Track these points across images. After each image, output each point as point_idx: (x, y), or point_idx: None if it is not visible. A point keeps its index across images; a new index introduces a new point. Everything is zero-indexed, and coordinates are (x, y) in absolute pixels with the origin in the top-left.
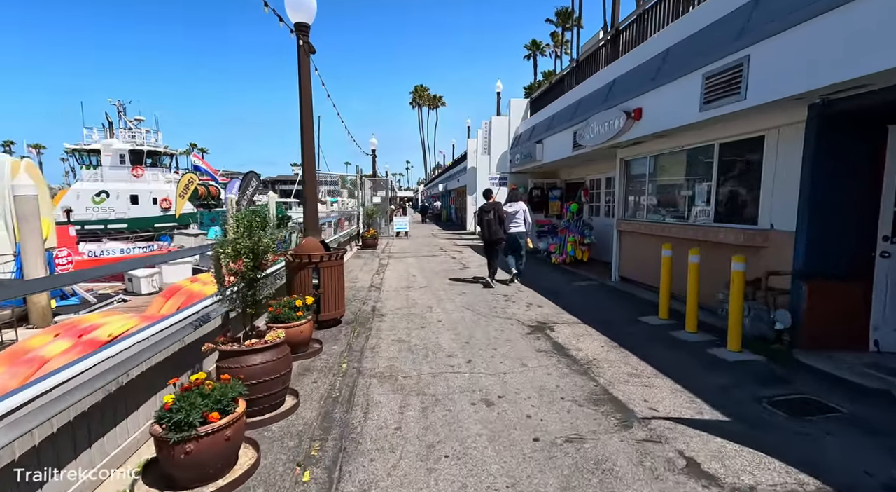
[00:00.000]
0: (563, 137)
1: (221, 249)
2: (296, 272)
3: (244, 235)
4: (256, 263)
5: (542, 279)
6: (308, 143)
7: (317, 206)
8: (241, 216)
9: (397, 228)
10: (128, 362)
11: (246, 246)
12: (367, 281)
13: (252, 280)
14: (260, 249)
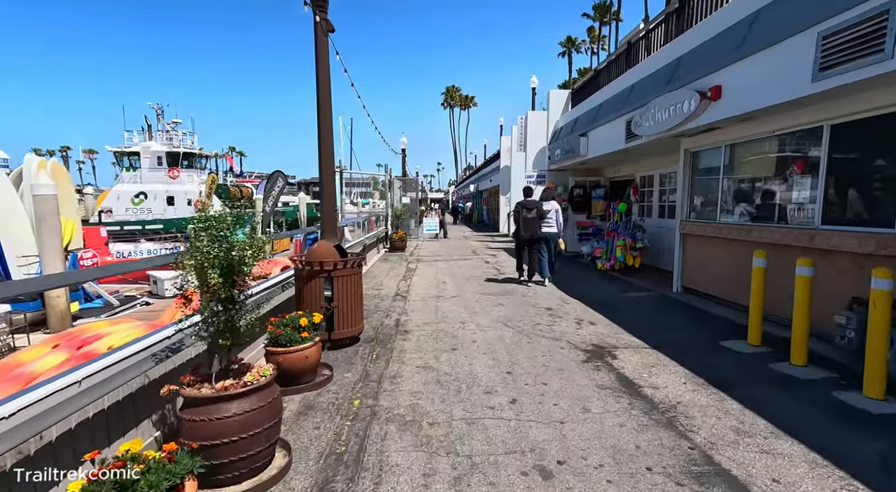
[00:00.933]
0: (612, 128)
1: (184, 260)
2: (305, 282)
3: (212, 243)
4: (230, 280)
5: (589, 289)
6: (326, 134)
7: (334, 205)
8: (205, 217)
9: (427, 229)
10: (43, 418)
11: (213, 257)
12: (392, 288)
13: (227, 302)
14: (234, 262)
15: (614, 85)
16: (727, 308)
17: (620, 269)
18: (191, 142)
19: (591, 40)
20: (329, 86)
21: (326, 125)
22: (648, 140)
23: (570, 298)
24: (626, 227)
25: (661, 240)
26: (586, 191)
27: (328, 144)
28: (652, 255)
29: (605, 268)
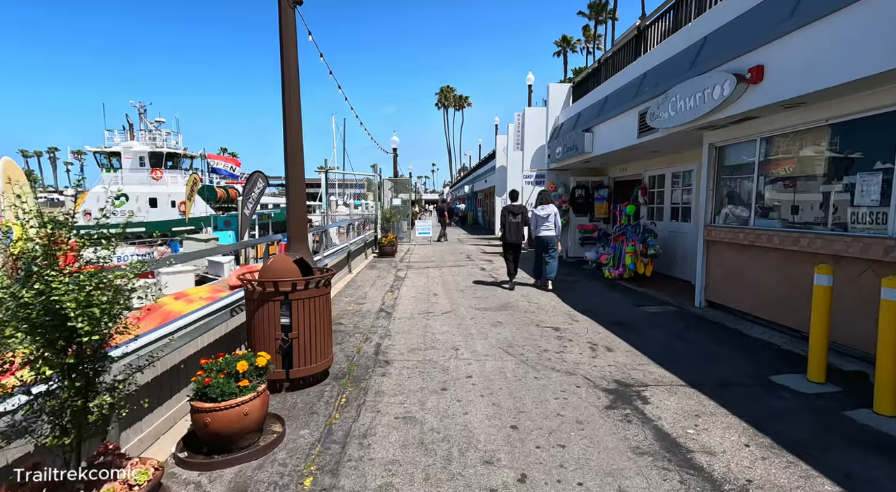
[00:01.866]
0: (621, 122)
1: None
2: (257, 308)
3: (25, 282)
4: (58, 347)
5: (599, 302)
6: (292, 122)
7: (303, 208)
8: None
9: (419, 232)
10: None
11: (15, 308)
12: (376, 302)
13: (71, 372)
14: (72, 312)
15: (623, 75)
16: (766, 329)
17: (630, 277)
18: (175, 142)
19: (586, 39)
20: (296, 66)
21: (293, 112)
22: (668, 134)
23: (579, 314)
24: (635, 231)
25: (675, 245)
26: (589, 192)
27: (295, 134)
28: (664, 262)
29: (613, 276)
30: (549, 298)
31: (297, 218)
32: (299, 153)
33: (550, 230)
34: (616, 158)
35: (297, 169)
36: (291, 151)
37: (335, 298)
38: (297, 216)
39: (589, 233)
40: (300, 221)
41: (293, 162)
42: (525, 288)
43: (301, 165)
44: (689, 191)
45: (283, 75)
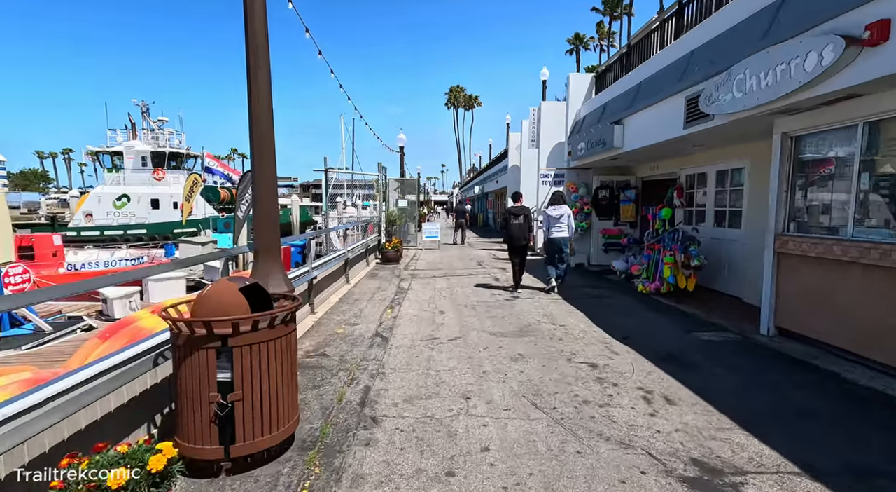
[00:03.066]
0: (661, 111)
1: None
2: (184, 358)
3: None
4: None
5: (638, 326)
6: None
7: (274, 211)
8: None
9: (426, 236)
10: None
11: None
12: (372, 322)
13: None
14: None
15: (661, 56)
16: (873, 372)
17: (669, 292)
18: (178, 141)
19: (600, 37)
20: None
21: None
22: (728, 121)
23: (616, 342)
24: (673, 238)
25: (719, 255)
26: (613, 193)
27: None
28: (706, 274)
29: (647, 291)
30: (577, 319)
31: (264, 224)
32: (269, 142)
33: (563, 231)
34: (649, 155)
35: (265, 161)
36: (259, 139)
37: (326, 317)
38: (266, 221)
39: (614, 238)
40: (269, 227)
41: (260, 150)
42: (541, 299)
43: (271, 157)
44: (738, 192)
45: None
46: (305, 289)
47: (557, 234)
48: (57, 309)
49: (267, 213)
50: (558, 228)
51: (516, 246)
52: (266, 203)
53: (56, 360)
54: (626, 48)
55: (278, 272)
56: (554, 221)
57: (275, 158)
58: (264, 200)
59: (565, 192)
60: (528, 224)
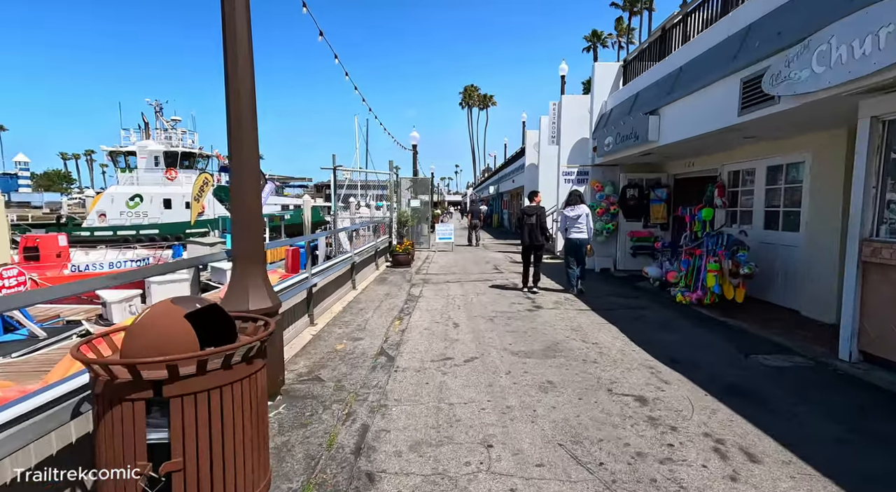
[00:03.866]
0: (709, 97)
1: None
2: (104, 412)
3: None
4: None
5: (685, 345)
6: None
7: (256, 207)
8: None
9: (440, 238)
10: None
11: None
12: (378, 336)
13: None
14: None
15: (709, 35)
16: None
17: (713, 303)
18: (191, 141)
19: (618, 33)
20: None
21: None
22: (800, 104)
23: (663, 366)
24: (718, 242)
25: (772, 261)
26: (643, 192)
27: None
28: (756, 283)
29: (688, 301)
30: (611, 336)
31: (244, 225)
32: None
33: (582, 232)
34: (687, 149)
35: (245, 149)
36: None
37: (327, 329)
38: (245, 222)
39: (644, 241)
40: (249, 229)
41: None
42: (566, 310)
43: (252, 144)
44: (795, 190)
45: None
46: (304, 298)
47: (576, 235)
48: (55, 313)
49: (246, 212)
50: (577, 229)
51: (527, 246)
52: (246, 200)
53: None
54: (661, 31)
55: (260, 284)
56: (572, 221)
57: (256, 145)
58: (244, 196)
59: (590, 190)
60: (542, 224)
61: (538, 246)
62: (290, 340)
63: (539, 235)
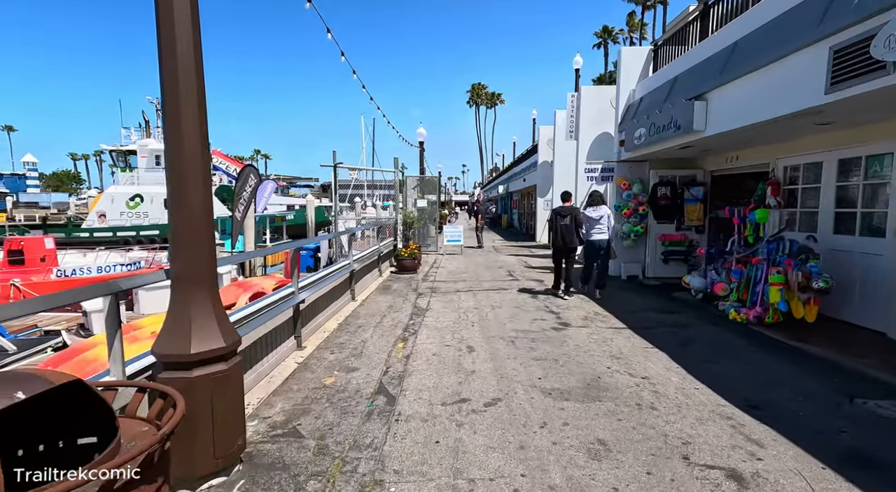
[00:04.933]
0: (783, 73)
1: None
2: None
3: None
4: None
5: (760, 382)
6: (176, 34)
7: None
8: None
9: (448, 240)
10: None
11: None
12: (375, 367)
13: None
14: None
15: (769, 3)
16: None
17: (776, 322)
18: None
19: (630, 28)
20: None
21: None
22: None
23: (743, 414)
24: (780, 250)
25: (849, 272)
26: (675, 190)
27: (180, 44)
28: (827, 298)
29: (743, 319)
30: (662, 366)
31: (185, 235)
32: (192, 94)
33: (603, 233)
34: (736, 140)
35: (185, 132)
36: (172, 89)
37: (316, 354)
38: (187, 231)
39: (677, 246)
40: (192, 241)
41: (175, 108)
42: (599, 327)
43: (197, 124)
44: (878, 187)
45: None
46: (290, 317)
47: (597, 236)
48: (32, 323)
49: (189, 217)
50: (598, 231)
51: (560, 248)
52: (187, 201)
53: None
54: (702, 6)
55: (208, 314)
56: (594, 222)
57: (203, 126)
58: (185, 196)
59: (615, 189)
60: (577, 225)
61: (572, 249)
62: (267, 373)
63: (574, 238)
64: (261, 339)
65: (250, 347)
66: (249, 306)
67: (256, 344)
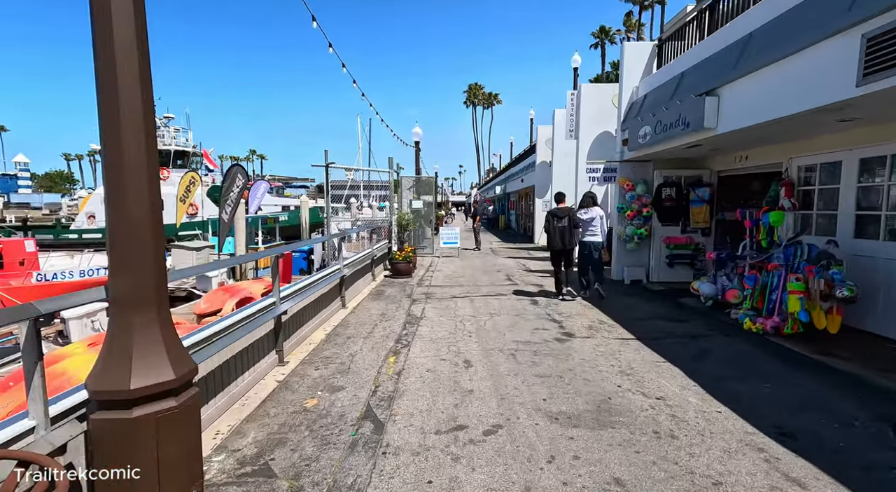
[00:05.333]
0: (807, 65)
1: None
2: None
3: None
4: None
5: (789, 402)
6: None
7: (145, 220)
8: None
9: (444, 242)
10: None
11: None
12: (363, 386)
13: None
14: None
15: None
16: None
17: (796, 333)
18: (185, 139)
19: (627, 29)
20: None
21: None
22: None
23: (777, 444)
24: (797, 255)
25: (873, 279)
26: (680, 191)
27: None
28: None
29: (759, 329)
30: (677, 384)
31: (126, 249)
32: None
33: (596, 235)
34: (748, 138)
35: (125, 125)
36: (108, 71)
37: (299, 370)
38: (128, 244)
39: (683, 249)
40: (135, 257)
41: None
42: (605, 338)
43: (140, 116)
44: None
45: None
46: (271, 329)
47: (590, 238)
48: (7, 330)
49: (130, 227)
50: (591, 232)
51: (558, 250)
52: (127, 208)
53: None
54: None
55: (156, 341)
56: (586, 224)
57: (150, 117)
58: (124, 201)
59: (618, 190)
60: (574, 226)
61: (570, 250)
62: (242, 395)
63: (573, 239)
64: (235, 357)
65: (221, 367)
66: (221, 321)
67: (229, 363)
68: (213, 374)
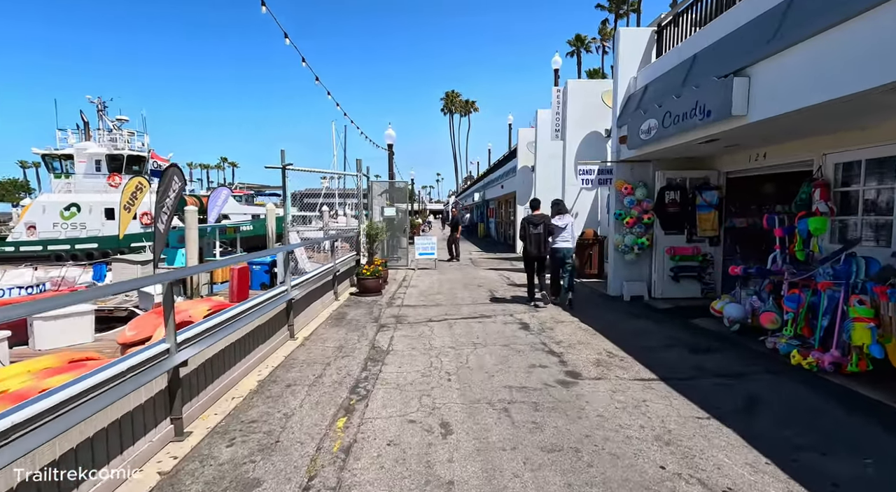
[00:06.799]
0: (879, 29)
1: None
2: None
3: None
4: None
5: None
6: None
7: None
8: None
9: (420, 253)
10: None
11: None
12: (293, 476)
13: None
14: None
15: None
16: None
17: (863, 372)
18: (141, 143)
19: (602, 37)
20: None
21: None
22: None
23: None
24: (857, 271)
25: None
26: (685, 195)
27: None
28: None
29: (814, 366)
30: (740, 458)
31: None
32: None
33: (568, 242)
34: (781, 129)
35: None
36: None
37: (203, 447)
38: None
39: (689, 260)
40: None
41: None
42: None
43: None
44: None
45: None
46: (164, 387)
47: (562, 244)
48: None
49: None
50: (563, 239)
51: (534, 257)
52: None
53: None
54: None
55: None
56: (559, 230)
57: None
58: None
59: (615, 194)
60: (548, 234)
61: (544, 257)
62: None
63: (546, 246)
64: (83, 444)
65: (57, 462)
66: (62, 389)
67: (74, 453)
68: (44, 469)
